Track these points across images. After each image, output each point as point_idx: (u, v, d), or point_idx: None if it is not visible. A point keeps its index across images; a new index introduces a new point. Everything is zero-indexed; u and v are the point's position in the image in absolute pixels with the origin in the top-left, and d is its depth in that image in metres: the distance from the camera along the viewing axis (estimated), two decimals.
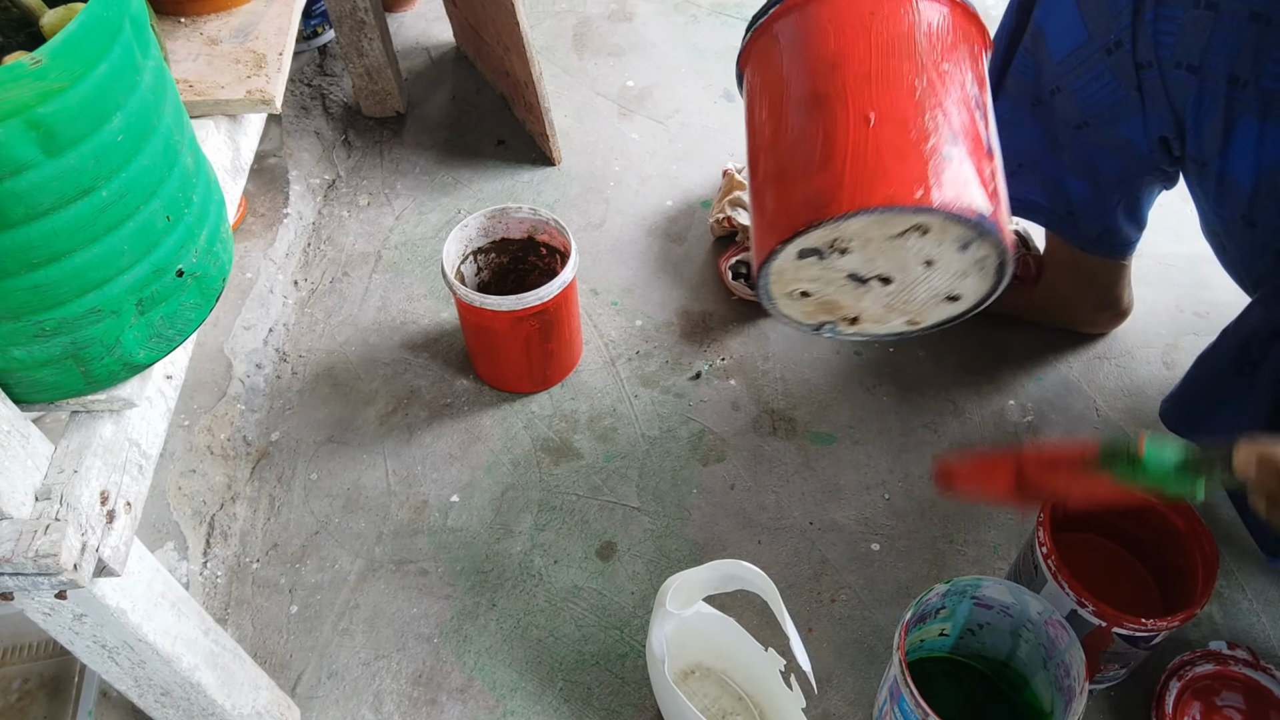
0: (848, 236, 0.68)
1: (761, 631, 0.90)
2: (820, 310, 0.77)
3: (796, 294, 0.75)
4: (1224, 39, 0.76)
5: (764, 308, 0.78)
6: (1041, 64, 0.91)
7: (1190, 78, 0.79)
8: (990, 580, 0.80)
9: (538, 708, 0.91)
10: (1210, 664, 0.88)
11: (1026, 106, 0.96)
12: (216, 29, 0.85)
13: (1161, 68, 0.81)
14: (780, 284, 0.74)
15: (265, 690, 0.84)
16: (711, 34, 1.66)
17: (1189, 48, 0.78)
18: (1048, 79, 0.91)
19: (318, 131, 1.49)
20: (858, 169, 0.65)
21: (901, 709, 0.76)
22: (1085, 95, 0.89)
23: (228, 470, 1.08)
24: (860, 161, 0.65)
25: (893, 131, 0.66)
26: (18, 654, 0.88)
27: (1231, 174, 0.81)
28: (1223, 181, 0.82)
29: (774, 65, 0.75)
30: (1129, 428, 1.11)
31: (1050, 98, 0.92)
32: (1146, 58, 0.81)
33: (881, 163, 0.65)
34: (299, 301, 1.27)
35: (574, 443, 1.11)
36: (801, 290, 0.75)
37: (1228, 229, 0.86)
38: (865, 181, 0.64)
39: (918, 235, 0.67)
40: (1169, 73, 0.81)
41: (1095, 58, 0.85)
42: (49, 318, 0.52)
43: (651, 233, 1.34)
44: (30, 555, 0.53)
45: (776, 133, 0.72)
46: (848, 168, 0.65)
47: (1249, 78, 0.76)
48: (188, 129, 0.59)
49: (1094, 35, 0.84)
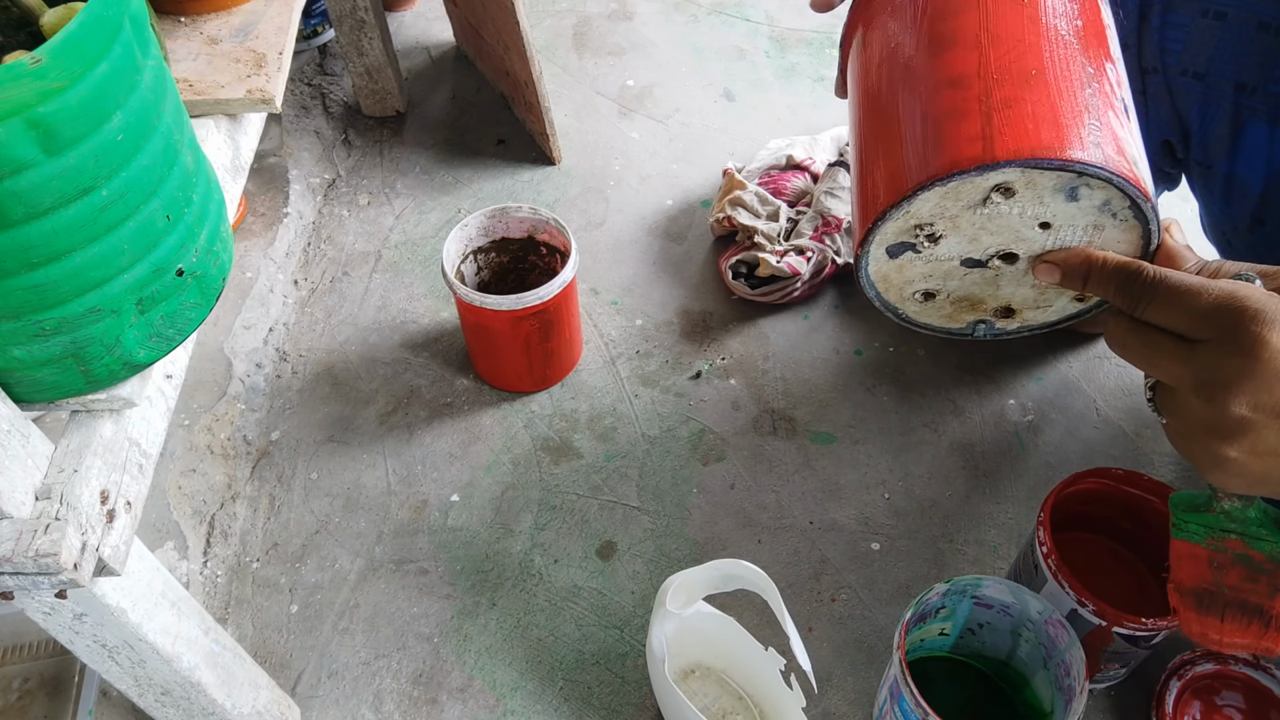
0: (924, 219, 0.59)
1: (761, 631, 0.90)
2: (962, 310, 0.66)
3: (918, 296, 0.65)
4: (1231, 47, 0.75)
5: (901, 326, 0.68)
6: None
7: (1195, 84, 0.79)
8: (990, 580, 0.80)
9: (538, 707, 0.91)
10: (1210, 663, 0.88)
11: None
12: (216, 28, 0.85)
13: (1166, 74, 0.81)
14: (892, 291, 0.65)
15: (265, 690, 0.84)
16: (711, 34, 1.66)
17: (1195, 55, 0.78)
18: None
19: (318, 131, 1.49)
20: (915, 145, 0.57)
21: (901, 708, 0.76)
22: None
23: (228, 470, 1.08)
24: (918, 137, 0.57)
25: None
26: (18, 653, 0.88)
27: (1240, 177, 0.81)
28: (1230, 184, 0.82)
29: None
30: (1129, 427, 1.11)
31: None
32: (1152, 63, 0.81)
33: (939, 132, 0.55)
34: (299, 301, 1.27)
35: (574, 442, 1.11)
36: (922, 291, 0.65)
37: (1236, 228, 0.85)
38: (923, 157, 0.55)
39: (1002, 197, 0.55)
40: (1174, 79, 0.80)
41: None
42: (49, 317, 0.52)
43: (652, 232, 1.34)
44: (30, 555, 0.53)
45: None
46: (907, 146, 0.57)
47: (1257, 85, 0.75)
48: (188, 128, 0.59)
49: None
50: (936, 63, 0.58)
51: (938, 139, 0.55)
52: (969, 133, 0.54)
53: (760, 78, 1.58)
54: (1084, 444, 1.09)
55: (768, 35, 1.66)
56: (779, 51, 1.63)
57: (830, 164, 1.28)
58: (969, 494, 1.06)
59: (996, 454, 1.09)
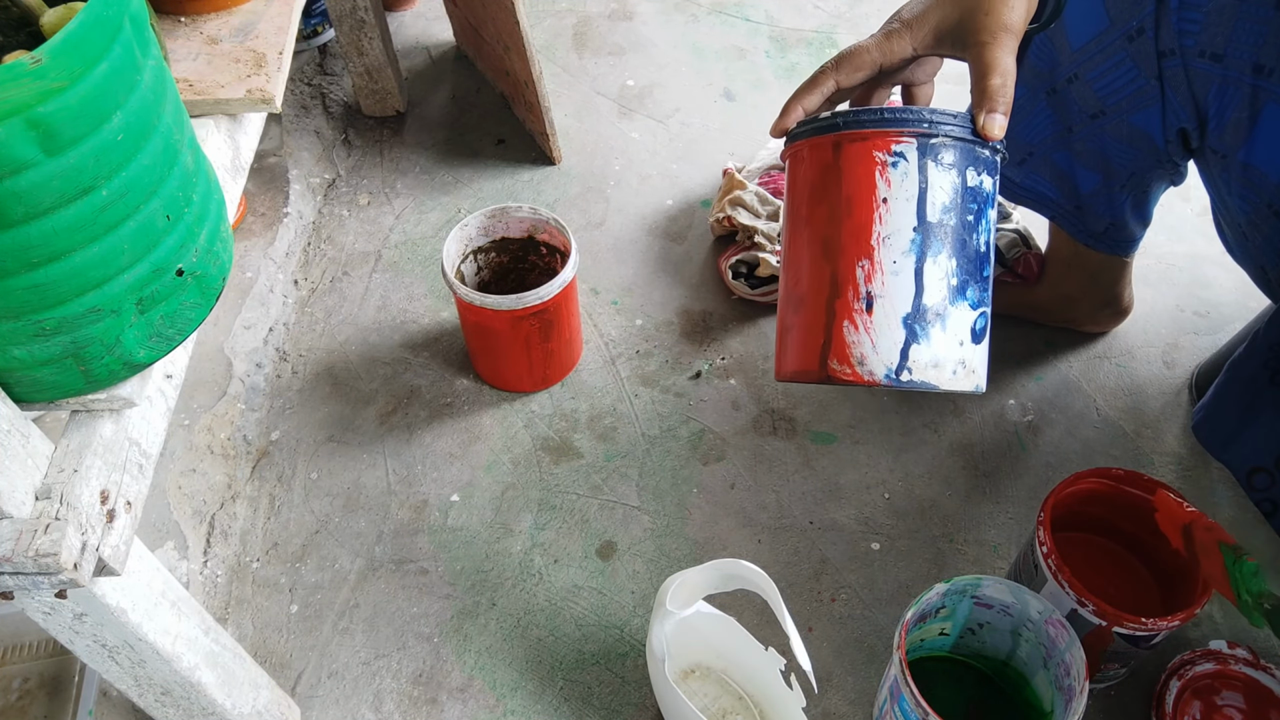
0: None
1: (761, 631, 0.90)
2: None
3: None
4: (1249, 27, 0.75)
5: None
6: (1059, 52, 0.90)
7: (1214, 67, 0.78)
8: (990, 579, 0.80)
9: (538, 707, 0.91)
10: (1210, 663, 0.88)
11: (1041, 95, 0.94)
12: (216, 28, 0.85)
13: (1184, 56, 0.80)
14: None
15: (265, 689, 0.84)
16: (711, 33, 1.66)
17: (1213, 36, 0.77)
18: (1064, 67, 0.90)
19: (318, 131, 1.49)
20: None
21: (901, 708, 0.76)
22: (1104, 83, 0.87)
23: (228, 469, 1.08)
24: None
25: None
26: (18, 653, 0.88)
27: (1257, 164, 0.80)
28: (1247, 172, 0.81)
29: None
30: (1129, 427, 1.11)
31: (1066, 86, 0.91)
32: (1169, 45, 0.80)
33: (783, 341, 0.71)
34: (299, 301, 1.27)
35: (574, 442, 1.11)
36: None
37: (1251, 219, 0.85)
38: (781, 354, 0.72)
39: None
40: (1191, 61, 0.80)
41: (1116, 45, 0.84)
42: (49, 317, 0.52)
43: (652, 232, 1.34)
44: (30, 554, 0.53)
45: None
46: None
47: (1275, 66, 0.75)
48: (188, 128, 0.59)
49: (1115, 22, 0.83)
50: (784, 274, 0.71)
51: (780, 348, 0.71)
52: (779, 348, 0.71)
53: (760, 78, 1.58)
54: (1084, 444, 1.09)
55: (768, 35, 1.66)
56: (779, 51, 1.63)
57: None
58: (969, 494, 1.06)
59: (996, 454, 1.09)
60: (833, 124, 0.64)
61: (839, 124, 0.64)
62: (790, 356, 0.68)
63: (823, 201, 0.65)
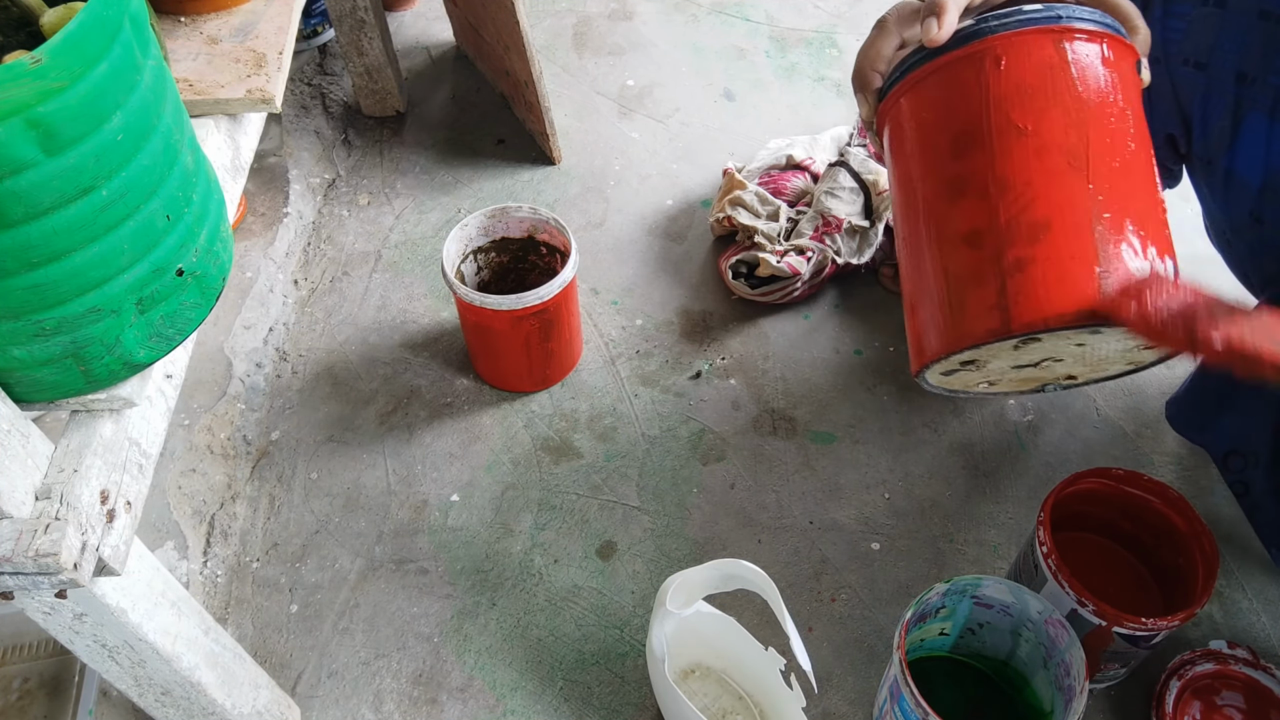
0: (966, 360, 0.62)
1: (761, 631, 0.90)
2: (1024, 383, 0.69)
3: (983, 387, 0.70)
4: (1232, 36, 0.75)
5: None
6: None
7: (1198, 75, 0.79)
8: (990, 579, 0.80)
9: (538, 707, 0.91)
10: (1210, 663, 0.88)
11: None
12: (216, 28, 0.85)
13: (1169, 64, 0.80)
14: (956, 386, 0.69)
15: (265, 689, 0.84)
16: (711, 33, 1.66)
17: (1197, 45, 0.78)
18: None
19: (318, 131, 1.49)
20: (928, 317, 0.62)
21: (901, 708, 0.76)
22: None
23: (228, 469, 1.08)
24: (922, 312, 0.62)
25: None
26: (18, 653, 0.88)
27: (1239, 171, 0.81)
28: (1230, 179, 0.82)
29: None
30: (1129, 427, 1.11)
31: None
32: (1154, 54, 0.81)
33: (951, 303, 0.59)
34: (299, 301, 1.27)
35: (574, 442, 1.11)
36: (986, 383, 0.69)
37: (1235, 227, 0.85)
38: (950, 321, 0.59)
39: (1032, 340, 0.58)
40: (1176, 69, 0.80)
41: None
42: (49, 317, 0.52)
43: (652, 232, 1.34)
44: (30, 554, 0.53)
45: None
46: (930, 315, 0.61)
47: (1257, 74, 0.75)
48: (188, 128, 0.59)
49: None
50: (953, 210, 0.59)
51: (960, 306, 0.58)
52: (987, 301, 0.56)
53: (760, 78, 1.58)
54: (1084, 444, 1.09)
55: (768, 35, 1.66)
56: (779, 51, 1.63)
57: (830, 164, 1.28)
58: (969, 494, 1.06)
59: (996, 454, 1.09)
60: (1054, 15, 0.56)
61: (1060, 16, 0.56)
62: (1029, 300, 0.54)
63: (1054, 105, 0.56)
